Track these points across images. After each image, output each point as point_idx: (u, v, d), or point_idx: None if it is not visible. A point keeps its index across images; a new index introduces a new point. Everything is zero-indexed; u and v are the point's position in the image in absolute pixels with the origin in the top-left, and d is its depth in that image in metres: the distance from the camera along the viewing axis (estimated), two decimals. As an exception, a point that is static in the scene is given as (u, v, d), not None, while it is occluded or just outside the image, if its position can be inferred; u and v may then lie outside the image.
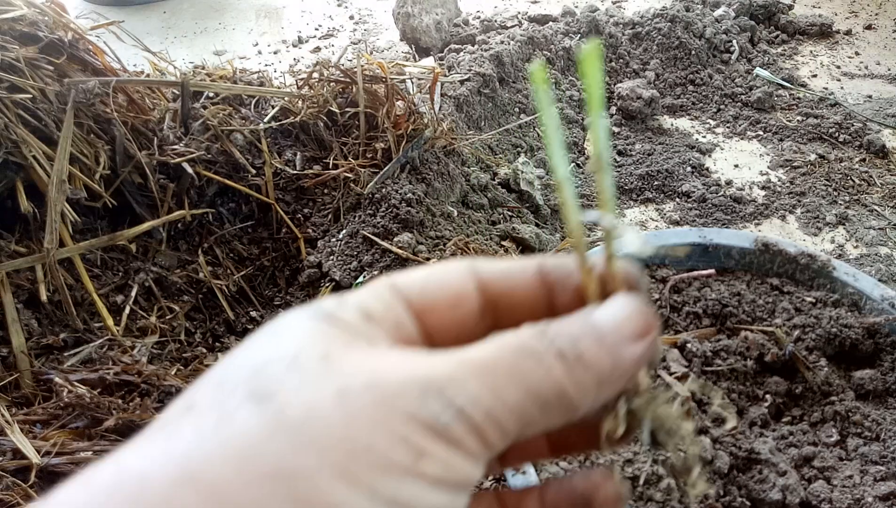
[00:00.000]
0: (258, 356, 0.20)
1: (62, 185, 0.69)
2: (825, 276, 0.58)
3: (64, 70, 0.73)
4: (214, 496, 0.17)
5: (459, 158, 0.95)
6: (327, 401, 0.19)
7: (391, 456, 0.19)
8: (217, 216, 0.83)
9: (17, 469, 0.54)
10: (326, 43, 1.52)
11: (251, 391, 0.19)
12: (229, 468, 0.18)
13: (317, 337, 0.21)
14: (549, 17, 1.46)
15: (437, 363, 0.21)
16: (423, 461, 0.19)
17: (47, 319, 0.69)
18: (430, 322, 0.24)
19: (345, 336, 0.21)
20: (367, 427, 0.19)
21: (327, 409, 0.19)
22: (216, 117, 0.83)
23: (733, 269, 0.61)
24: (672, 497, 0.47)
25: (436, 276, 0.25)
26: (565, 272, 0.26)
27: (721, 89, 1.29)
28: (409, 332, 0.24)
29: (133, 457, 0.18)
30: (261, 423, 0.18)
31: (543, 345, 0.22)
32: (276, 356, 0.20)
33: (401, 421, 0.19)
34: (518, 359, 0.21)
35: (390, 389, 0.19)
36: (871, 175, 1.08)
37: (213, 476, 0.17)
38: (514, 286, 0.26)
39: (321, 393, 0.19)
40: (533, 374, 0.21)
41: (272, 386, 0.19)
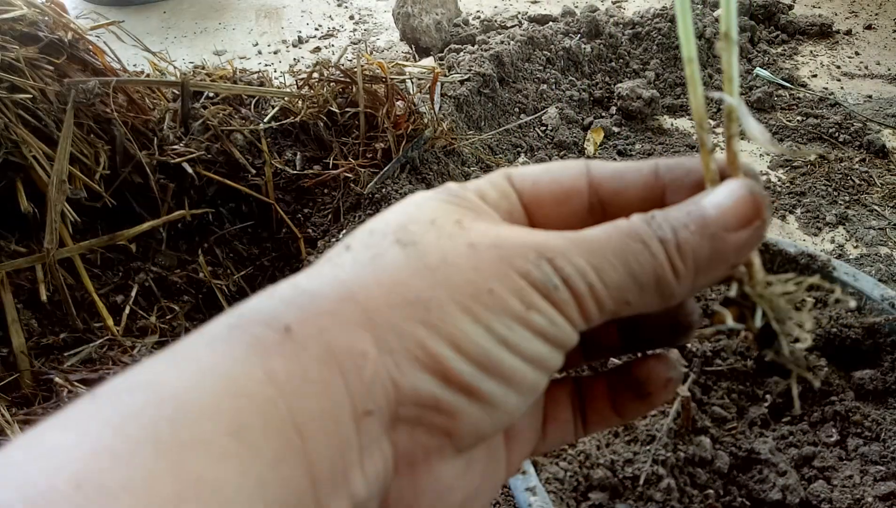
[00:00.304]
0: (402, 217, 0.24)
1: (62, 185, 0.69)
2: (825, 276, 0.58)
3: (64, 70, 0.74)
4: (368, 311, 0.21)
5: (459, 158, 0.95)
6: (460, 250, 0.22)
7: (507, 302, 0.22)
8: (217, 216, 0.83)
9: (17, 469, 0.54)
10: (326, 43, 1.52)
11: (398, 238, 0.23)
12: (380, 291, 0.21)
13: (449, 209, 0.24)
14: (549, 17, 1.46)
15: (554, 236, 0.23)
16: (531, 312, 0.22)
17: (47, 319, 0.69)
18: (538, 214, 0.27)
19: (471, 212, 0.24)
20: (490, 275, 0.22)
21: (460, 257, 0.22)
22: (216, 117, 0.83)
23: (733, 269, 0.61)
24: (672, 496, 0.47)
25: (549, 173, 0.27)
26: (682, 172, 0.26)
27: (721, 89, 1.29)
28: (519, 221, 0.26)
29: (306, 279, 0.22)
30: (406, 261, 0.22)
31: (649, 231, 0.23)
32: (417, 218, 0.24)
33: (518, 276, 0.22)
34: (624, 242, 0.23)
35: (512, 249, 0.23)
36: (871, 175, 1.08)
37: (368, 296, 0.21)
38: (627, 186, 0.27)
39: (455, 244, 0.23)
40: (635, 257, 0.23)
41: (415, 237, 0.23)
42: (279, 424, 0.19)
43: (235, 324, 0.21)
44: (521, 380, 0.23)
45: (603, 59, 1.31)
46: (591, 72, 1.29)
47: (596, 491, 0.48)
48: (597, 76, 1.29)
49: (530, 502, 0.46)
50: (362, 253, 0.23)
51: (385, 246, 0.23)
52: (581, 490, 0.48)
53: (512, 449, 0.27)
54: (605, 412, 0.29)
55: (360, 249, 0.23)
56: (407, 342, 0.21)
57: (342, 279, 0.22)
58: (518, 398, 0.23)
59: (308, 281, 0.22)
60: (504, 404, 0.22)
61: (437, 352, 0.21)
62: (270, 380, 0.19)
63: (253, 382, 0.19)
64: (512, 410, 0.23)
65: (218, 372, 0.19)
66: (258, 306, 0.21)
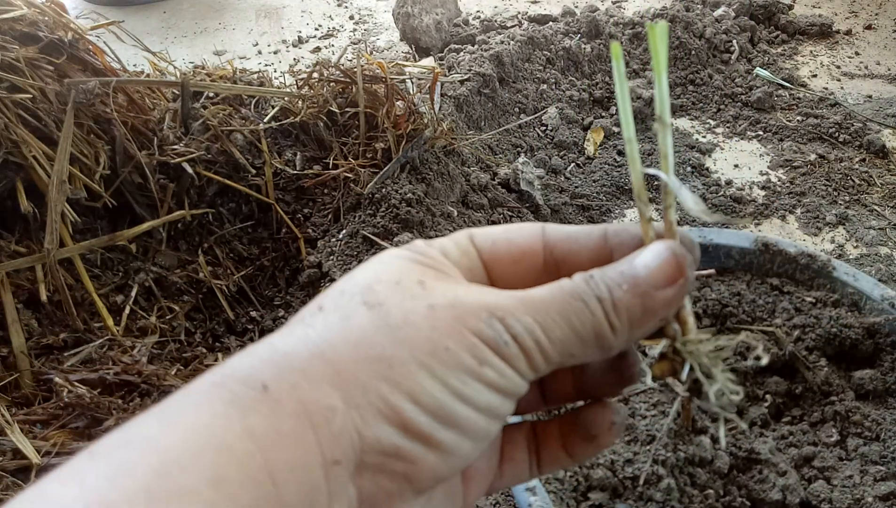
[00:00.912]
0: (369, 277, 0.26)
1: (62, 185, 0.69)
2: (825, 276, 0.58)
3: (64, 70, 0.73)
4: (336, 368, 0.23)
5: (459, 158, 0.95)
6: (421, 310, 0.25)
7: (462, 358, 0.24)
8: (217, 216, 0.83)
9: (17, 468, 0.54)
10: (326, 43, 1.52)
11: (365, 299, 0.25)
12: (347, 350, 0.24)
13: (413, 269, 0.27)
14: (549, 17, 1.46)
15: (505, 296, 0.26)
16: (483, 367, 0.25)
17: (47, 319, 0.69)
18: (496, 271, 0.29)
19: (432, 271, 0.27)
20: (447, 334, 0.24)
21: (420, 317, 0.25)
22: (216, 117, 0.83)
23: (733, 269, 0.61)
24: (672, 496, 0.47)
25: (507, 234, 0.30)
26: (627, 236, 0.29)
27: (721, 89, 1.29)
28: (478, 277, 0.29)
29: (280, 339, 0.24)
30: (371, 321, 0.24)
31: (588, 291, 0.26)
32: (383, 279, 0.26)
33: (471, 334, 0.25)
34: (567, 301, 0.26)
35: (467, 309, 0.25)
36: (871, 175, 1.08)
37: (336, 355, 0.24)
38: (579, 248, 0.30)
39: (416, 306, 0.25)
40: (577, 315, 0.26)
41: (380, 298, 0.25)
42: (255, 474, 0.21)
43: (218, 382, 0.23)
44: (475, 428, 0.25)
45: (603, 60, 1.31)
46: (591, 72, 1.29)
47: (596, 491, 0.48)
48: (597, 76, 1.29)
49: (530, 502, 0.46)
50: (332, 314, 0.25)
51: (353, 307, 0.25)
52: (581, 490, 0.48)
53: (469, 487, 0.30)
54: (558, 453, 0.31)
55: (331, 309, 0.25)
56: (371, 397, 0.23)
57: (313, 339, 0.24)
58: (472, 444, 0.25)
59: (283, 341, 0.24)
60: (459, 450, 0.25)
61: (397, 405, 0.23)
62: (248, 434, 0.21)
63: (232, 436, 0.21)
64: (466, 455, 0.25)
65: (200, 427, 0.21)
66: (238, 364, 0.23)
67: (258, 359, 0.24)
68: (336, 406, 0.23)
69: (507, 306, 0.26)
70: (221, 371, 0.23)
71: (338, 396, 0.23)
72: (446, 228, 0.83)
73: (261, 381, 0.23)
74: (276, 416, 0.22)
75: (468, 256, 0.29)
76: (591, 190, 1.06)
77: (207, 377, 0.23)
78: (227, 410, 0.22)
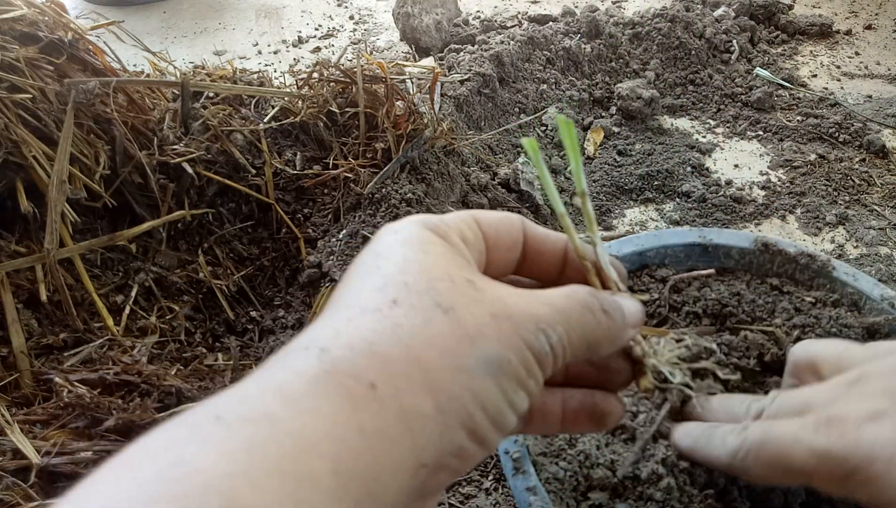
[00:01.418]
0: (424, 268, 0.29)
1: (62, 185, 0.69)
2: (825, 276, 0.58)
3: (64, 70, 0.74)
4: (429, 375, 0.26)
5: (459, 158, 0.95)
6: (486, 321, 0.28)
7: (518, 371, 0.28)
8: (217, 216, 0.83)
9: (17, 468, 0.54)
10: (326, 43, 1.52)
11: (436, 302, 0.27)
12: (437, 358, 0.26)
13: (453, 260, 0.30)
14: (549, 17, 1.46)
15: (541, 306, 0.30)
16: (529, 377, 0.28)
17: (47, 319, 0.69)
18: (491, 258, 0.33)
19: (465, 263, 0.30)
20: (509, 347, 0.28)
21: (488, 328, 0.28)
22: (216, 117, 0.83)
23: (733, 269, 0.61)
24: (672, 496, 0.47)
25: (502, 224, 0.34)
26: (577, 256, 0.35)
27: (721, 89, 1.29)
28: (481, 263, 0.32)
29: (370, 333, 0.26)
30: (451, 331, 0.27)
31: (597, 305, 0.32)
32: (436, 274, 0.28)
33: (525, 347, 0.28)
34: (583, 311, 0.31)
35: (520, 321, 0.28)
36: (871, 175, 1.08)
37: (429, 362, 0.26)
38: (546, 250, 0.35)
39: (481, 313, 0.28)
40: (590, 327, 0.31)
41: (449, 300, 0.28)
42: (366, 470, 0.23)
43: (329, 371, 0.24)
44: (512, 429, 0.29)
45: (603, 59, 1.31)
46: (591, 72, 1.29)
47: (596, 491, 0.48)
48: (597, 76, 1.29)
49: (530, 502, 0.46)
50: (412, 314, 0.27)
51: (429, 308, 0.27)
52: (581, 489, 0.48)
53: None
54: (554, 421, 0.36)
55: (408, 306, 0.27)
56: (456, 405, 0.26)
57: (405, 342, 0.26)
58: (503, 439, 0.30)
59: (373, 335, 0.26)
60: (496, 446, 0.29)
61: (473, 413, 0.26)
62: (360, 431, 0.23)
63: (347, 430, 0.23)
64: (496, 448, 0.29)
65: (321, 417, 0.23)
66: (339, 355, 0.25)
67: (359, 354, 0.25)
68: (429, 413, 0.25)
69: (546, 316, 0.29)
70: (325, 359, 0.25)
71: (431, 403, 0.25)
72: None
73: (368, 380, 0.24)
74: (382, 417, 0.24)
75: (478, 242, 0.32)
76: (591, 190, 1.06)
77: (312, 359, 0.25)
78: (342, 403, 0.24)
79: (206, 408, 0.23)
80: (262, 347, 0.75)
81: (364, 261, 0.30)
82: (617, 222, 1.01)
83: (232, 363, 0.71)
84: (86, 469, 0.54)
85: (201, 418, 0.22)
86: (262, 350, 0.75)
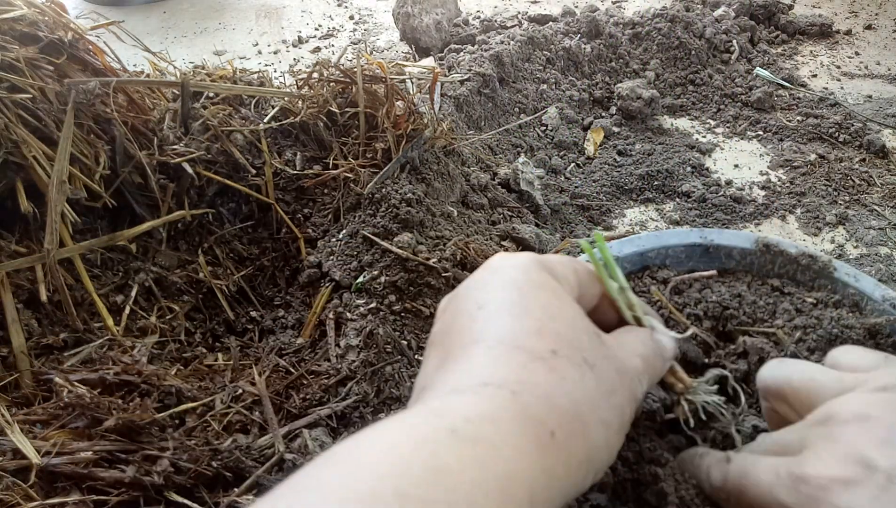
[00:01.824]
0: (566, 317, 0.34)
1: (62, 185, 0.69)
2: (826, 277, 0.58)
3: (64, 70, 0.73)
4: (586, 428, 0.30)
5: (459, 158, 0.95)
6: (615, 377, 0.33)
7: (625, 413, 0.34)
8: (217, 216, 0.83)
9: (17, 469, 0.54)
10: (326, 43, 1.52)
11: (584, 357, 0.32)
12: (590, 412, 0.30)
13: (578, 312, 0.35)
14: (549, 17, 1.46)
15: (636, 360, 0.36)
16: (626, 417, 0.34)
17: (47, 319, 0.69)
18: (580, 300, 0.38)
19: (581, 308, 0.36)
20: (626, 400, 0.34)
21: (618, 385, 0.33)
22: (216, 117, 0.83)
23: (734, 270, 0.60)
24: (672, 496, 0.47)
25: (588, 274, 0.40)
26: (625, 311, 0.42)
27: (721, 89, 1.29)
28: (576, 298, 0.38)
29: (544, 380, 0.30)
30: (597, 388, 0.31)
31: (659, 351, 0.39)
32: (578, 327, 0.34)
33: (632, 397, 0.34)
34: (655, 360, 0.38)
35: (631, 375, 0.35)
36: (871, 175, 1.08)
37: (585, 416, 0.30)
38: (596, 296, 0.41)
39: (611, 369, 0.33)
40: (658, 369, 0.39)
41: (592, 358, 0.32)
42: (543, 505, 0.27)
43: (522, 414, 0.28)
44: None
45: (603, 59, 1.31)
46: (591, 72, 1.29)
47: (594, 492, 0.48)
48: (597, 76, 1.29)
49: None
50: (570, 367, 0.31)
51: (579, 364, 0.32)
52: (581, 490, 0.48)
53: None
54: None
55: (565, 358, 0.31)
56: (597, 455, 0.31)
57: (572, 398, 0.30)
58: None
59: (548, 384, 0.30)
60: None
61: (604, 461, 0.32)
62: (545, 472, 0.28)
63: (537, 470, 0.27)
64: None
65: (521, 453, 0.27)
66: (530, 403, 0.29)
67: (542, 404, 0.29)
68: (582, 461, 0.30)
69: (639, 369, 0.36)
70: (518, 402, 0.29)
71: (585, 453, 0.30)
72: (446, 228, 0.83)
73: (550, 428, 0.28)
74: (559, 462, 0.28)
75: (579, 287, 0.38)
76: (591, 190, 1.06)
77: (506, 401, 0.28)
78: (532, 445, 0.27)
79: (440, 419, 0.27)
80: (262, 347, 0.75)
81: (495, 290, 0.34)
82: (617, 222, 1.01)
83: (232, 363, 0.71)
84: (86, 469, 0.54)
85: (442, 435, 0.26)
86: (262, 350, 0.74)
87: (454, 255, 0.76)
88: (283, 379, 0.68)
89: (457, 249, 0.77)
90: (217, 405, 0.63)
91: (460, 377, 0.30)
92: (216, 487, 0.57)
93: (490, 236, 0.86)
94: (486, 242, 0.83)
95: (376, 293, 0.74)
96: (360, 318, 0.71)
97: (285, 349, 0.73)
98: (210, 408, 0.63)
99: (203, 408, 0.63)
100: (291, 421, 0.63)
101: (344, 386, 0.66)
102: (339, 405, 0.64)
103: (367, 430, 0.27)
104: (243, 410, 0.63)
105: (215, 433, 0.61)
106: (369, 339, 0.69)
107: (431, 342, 0.36)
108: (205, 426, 0.61)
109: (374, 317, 0.71)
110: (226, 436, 0.60)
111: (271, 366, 0.69)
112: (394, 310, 0.73)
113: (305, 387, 0.67)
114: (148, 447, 0.56)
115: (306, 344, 0.73)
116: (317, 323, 0.74)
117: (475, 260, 0.77)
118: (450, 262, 0.75)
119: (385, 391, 0.67)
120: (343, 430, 0.64)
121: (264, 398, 0.64)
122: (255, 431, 0.62)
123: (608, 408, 0.31)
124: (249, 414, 0.63)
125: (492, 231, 0.88)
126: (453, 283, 0.76)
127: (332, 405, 0.65)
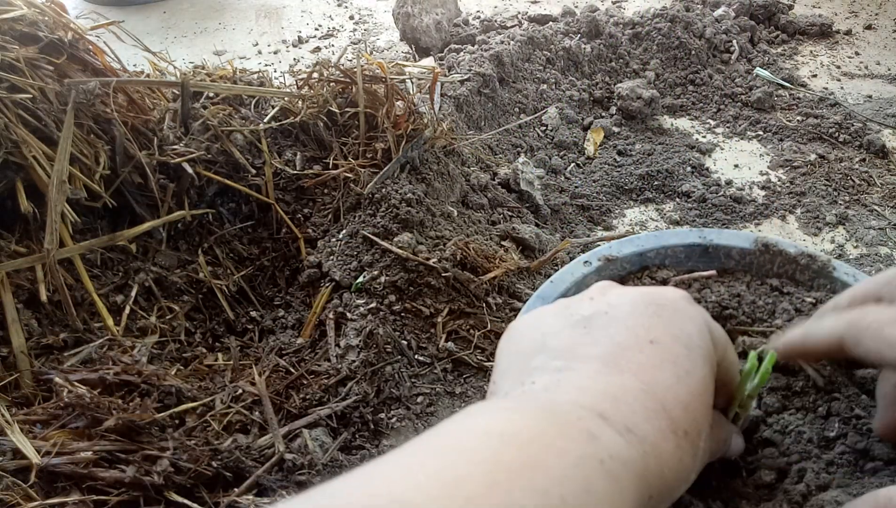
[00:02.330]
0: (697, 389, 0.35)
1: (62, 185, 0.69)
2: (825, 276, 0.58)
3: (64, 70, 0.73)
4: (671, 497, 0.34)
5: (459, 158, 0.95)
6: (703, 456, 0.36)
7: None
8: (217, 216, 0.83)
9: (17, 469, 0.54)
10: (326, 43, 1.52)
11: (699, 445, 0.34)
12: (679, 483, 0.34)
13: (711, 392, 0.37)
14: (549, 17, 1.46)
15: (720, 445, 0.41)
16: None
17: (47, 319, 0.69)
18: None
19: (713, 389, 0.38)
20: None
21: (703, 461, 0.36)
22: (216, 117, 0.83)
23: (733, 270, 0.60)
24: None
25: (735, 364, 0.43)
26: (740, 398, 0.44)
27: (721, 89, 1.29)
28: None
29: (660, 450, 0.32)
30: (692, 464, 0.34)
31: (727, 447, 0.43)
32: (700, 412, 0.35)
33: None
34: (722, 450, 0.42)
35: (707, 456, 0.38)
36: (871, 175, 1.08)
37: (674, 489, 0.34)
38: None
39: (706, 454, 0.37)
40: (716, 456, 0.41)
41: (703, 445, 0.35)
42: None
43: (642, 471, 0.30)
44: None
45: (603, 59, 1.31)
46: (591, 72, 1.29)
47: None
48: (597, 76, 1.29)
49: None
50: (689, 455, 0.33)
51: (695, 451, 0.34)
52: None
53: None
54: None
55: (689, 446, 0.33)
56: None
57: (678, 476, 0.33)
58: None
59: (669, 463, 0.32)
60: None
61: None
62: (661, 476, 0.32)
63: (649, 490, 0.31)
64: None
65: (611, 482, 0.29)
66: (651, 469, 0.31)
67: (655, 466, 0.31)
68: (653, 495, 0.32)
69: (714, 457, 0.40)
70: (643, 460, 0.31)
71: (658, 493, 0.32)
72: (446, 228, 0.83)
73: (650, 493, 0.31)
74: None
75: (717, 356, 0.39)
76: (591, 190, 1.06)
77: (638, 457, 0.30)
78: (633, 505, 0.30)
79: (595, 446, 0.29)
80: (262, 347, 0.75)
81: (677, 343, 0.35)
82: (617, 222, 1.01)
83: (232, 363, 0.71)
84: (86, 469, 0.54)
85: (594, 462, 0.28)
86: (262, 350, 0.75)
87: (454, 255, 0.76)
88: (283, 379, 0.68)
89: (457, 249, 0.77)
90: (217, 405, 0.63)
91: (618, 408, 0.32)
92: (216, 487, 0.57)
93: (490, 235, 0.87)
94: (486, 242, 0.83)
95: (376, 293, 0.74)
96: (360, 318, 0.71)
97: (285, 349, 0.73)
98: (210, 408, 0.63)
99: (203, 408, 0.63)
100: (291, 421, 0.64)
101: (344, 386, 0.66)
102: (339, 405, 0.65)
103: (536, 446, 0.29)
104: (243, 410, 0.63)
105: (215, 433, 0.61)
106: (369, 339, 0.69)
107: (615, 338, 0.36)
108: (205, 426, 0.62)
109: (374, 317, 0.71)
110: (226, 436, 0.60)
111: (271, 366, 0.70)
112: (394, 310, 0.73)
113: (305, 387, 0.67)
114: (148, 447, 0.56)
115: (306, 344, 0.73)
116: (317, 323, 0.74)
117: (475, 260, 0.77)
118: (450, 262, 0.75)
119: (385, 391, 0.67)
120: (343, 430, 0.64)
121: (264, 398, 0.64)
122: (255, 431, 0.62)
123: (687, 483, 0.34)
124: (249, 414, 0.63)
125: (492, 231, 0.88)
126: (453, 283, 0.76)
127: (332, 405, 0.65)
